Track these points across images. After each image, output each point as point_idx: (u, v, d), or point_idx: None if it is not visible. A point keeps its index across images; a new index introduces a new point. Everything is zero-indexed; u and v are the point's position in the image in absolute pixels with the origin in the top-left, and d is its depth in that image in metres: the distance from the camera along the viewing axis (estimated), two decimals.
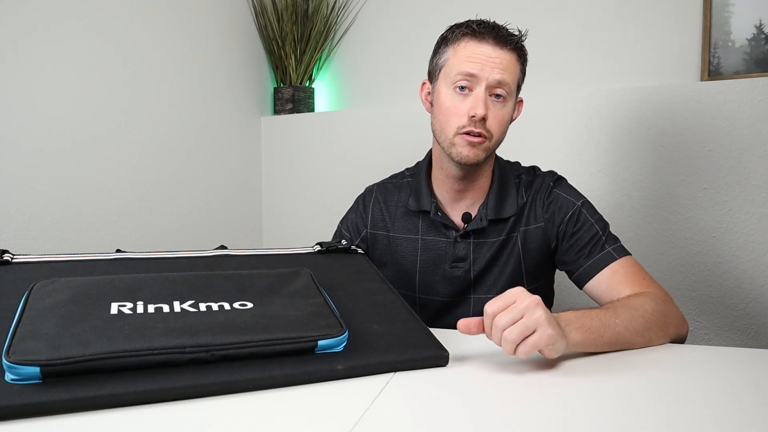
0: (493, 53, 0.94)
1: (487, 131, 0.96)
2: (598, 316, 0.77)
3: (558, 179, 1.07)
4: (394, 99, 1.94)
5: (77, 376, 0.56)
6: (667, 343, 0.83)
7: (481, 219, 1.04)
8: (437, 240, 1.07)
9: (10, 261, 0.77)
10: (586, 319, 0.76)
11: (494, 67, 0.94)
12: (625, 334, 0.78)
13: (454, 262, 1.06)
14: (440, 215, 1.06)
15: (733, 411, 0.58)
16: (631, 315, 0.80)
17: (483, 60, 0.94)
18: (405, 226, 1.10)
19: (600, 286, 0.96)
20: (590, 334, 0.75)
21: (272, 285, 0.75)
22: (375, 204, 1.15)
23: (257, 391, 0.61)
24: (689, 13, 1.55)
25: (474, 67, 0.94)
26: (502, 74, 0.94)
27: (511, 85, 0.97)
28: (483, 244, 1.05)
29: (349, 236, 1.15)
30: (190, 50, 1.68)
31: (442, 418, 0.57)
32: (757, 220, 1.40)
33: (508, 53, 0.96)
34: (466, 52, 0.96)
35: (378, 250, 1.13)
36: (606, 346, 0.77)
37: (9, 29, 1.20)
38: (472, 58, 0.95)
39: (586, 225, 1.01)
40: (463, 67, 0.95)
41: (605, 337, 0.76)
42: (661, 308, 0.85)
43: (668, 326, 0.84)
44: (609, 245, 0.98)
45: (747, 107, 1.39)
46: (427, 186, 1.08)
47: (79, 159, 1.35)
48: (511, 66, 0.96)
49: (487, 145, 0.97)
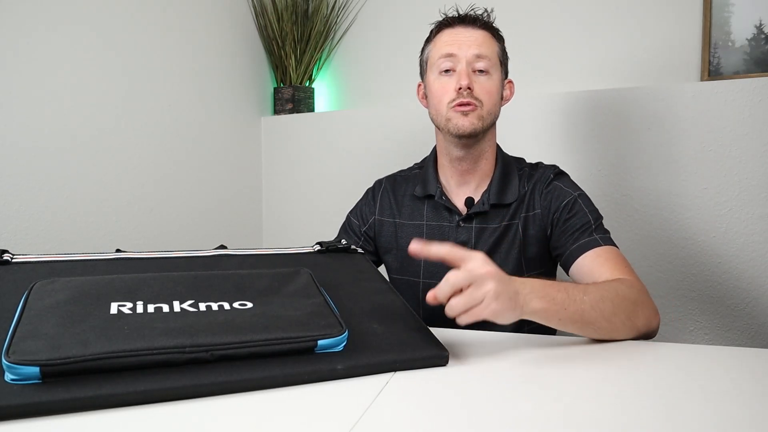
0: (466, 32, 1.05)
1: (476, 99, 1.03)
2: (566, 288, 0.77)
3: (559, 173, 1.11)
4: (394, 99, 1.94)
5: (77, 376, 0.56)
6: (635, 337, 0.82)
7: (483, 203, 1.08)
8: (441, 225, 1.11)
9: (10, 261, 0.77)
10: (551, 289, 0.76)
11: (470, 44, 1.04)
12: (591, 313, 0.77)
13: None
14: (444, 199, 1.10)
15: (733, 410, 0.58)
16: (600, 296, 0.79)
17: (459, 40, 1.04)
18: (411, 213, 1.15)
19: (582, 267, 0.98)
20: (553, 304, 0.75)
21: (272, 285, 0.75)
22: (384, 193, 1.20)
23: (257, 391, 0.61)
24: (689, 13, 1.55)
25: (451, 47, 1.04)
26: (479, 48, 1.04)
27: (491, 58, 1.05)
28: (485, 229, 1.08)
29: (358, 223, 1.20)
30: (190, 50, 1.68)
31: (442, 418, 0.57)
32: (757, 220, 1.40)
33: (479, 30, 1.05)
34: (443, 39, 1.07)
35: (384, 237, 1.18)
36: (568, 321, 0.76)
37: (9, 29, 1.20)
38: (448, 41, 1.05)
39: (579, 213, 1.03)
40: (442, 50, 1.05)
41: (569, 311, 0.75)
42: (634, 297, 0.84)
43: (638, 317, 0.82)
44: (597, 233, 1.00)
45: (747, 107, 1.39)
46: (434, 173, 1.14)
47: (79, 159, 1.35)
48: (486, 42, 1.05)
49: (480, 112, 1.03)
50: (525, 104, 1.62)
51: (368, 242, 1.20)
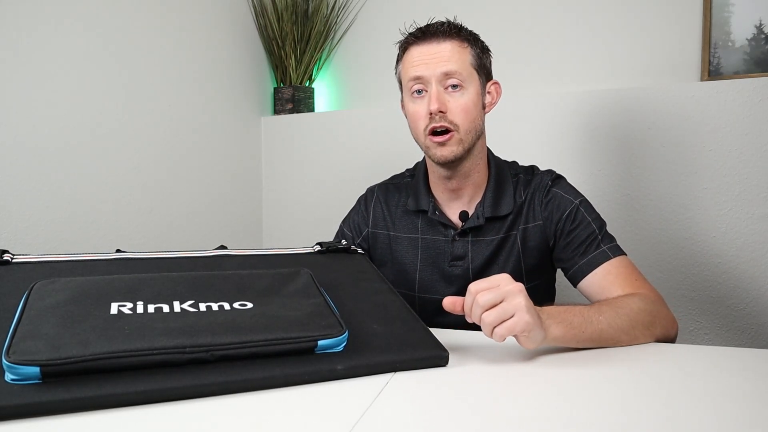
0: (431, 49, 0.99)
1: (451, 123, 0.98)
2: (581, 312, 0.78)
3: (557, 178, 1.08)
4: (395, 99, 1.92)
5: (77, 376, 0.56)
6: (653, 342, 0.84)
7: (477, 217, 1.05)
8: (436, 239, 1.08)
9: (10, 261, 0.77)
10: (568, 314, 0.77)
11: (437, 61, 0.98)
12: (608, 331, 0.79)
13: (453, 261, 1.06)
14: (438, 214, 1.07)
15: (733, 411, 0.58)
16: (615, 313, 0.81)
17: (425, 60, 0.99)
18: (405, 226, 1.12)
19: (593, 285, 0.97)
20: (571, 329, 0.76)
21: (272, 285, 0.75)
22: (376, 204, 1.16)
23: (257, 391, 0.61)
24: (689, 13, 1.55)
25: (418, 69, 0.99)
26: (446, 65, 0.97)
27: (461, 72, 0.98)
28: (481, 242, 1.06)
29: (351, 235, 1.17)
30: (190, 50, 1.68)
31: (442, 418, 0.57)
32: (757, 220, 1.40)
33: (445, 43, 0.99)
34: (410, 58, 1.01)
35: (379, 249, 1.15)
36: (588, 342, 0.78)
37: (9, 29, 1.20)
38: (414, 62, 1.00)
39: (583, 223, 1.01)
40: (410, 73, 1.00)
41: (587, 333, 0.77)
42: (649, 308, 0.86)
43: (655, 326, 0.84)
44: (604, 244, 0.99)
45: (747, 107, 1.39)
46: (425, 186, 1.11)
47: (79, 159, 1.35)
48: (454, 54, 0.98)
49: (457, 137, 0.99)
50: (524, 104, 1.62)
51: None
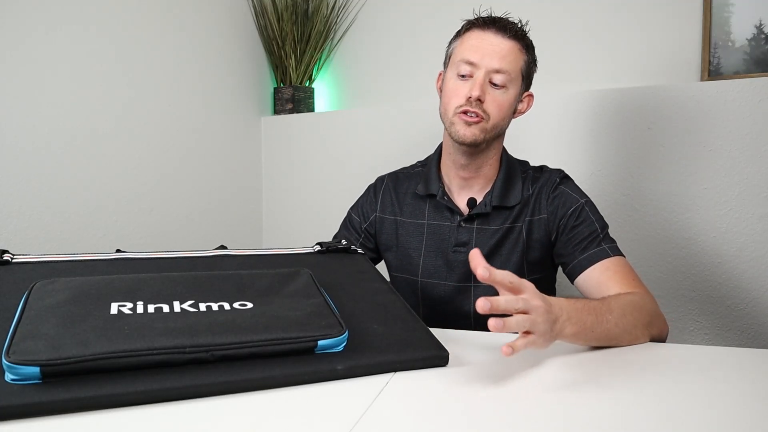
0: (494, 41, 1.01)
1: (483, 112, 1.00)
2: (594, 310, 0.78)
3: (565, 177, 1.11)
4: (394, 99, 1.94)
5: (77, 376, 0.56)
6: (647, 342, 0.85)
7: (485, 204, 1.07)
8: (441, 224, 1.11)
9: (10, 261, 0.77)
10: (582, 313, 0.77)
11: (493, 55, 1.00)
12: (615, 330, 0.80)
13: (456, 246, 1.08)
14: (446, 199, 1.10)
15: (733, 411, 0.58)
16: (622, 311, 0.82)
17: (483, 48, 1.00)
18: (412, 212, 1.14)
19: (591, 279, 0.98)
20: (583, 328, 0.76)
21: (272, 285, 0.75)
22: (385, 191, 1.19)
23: (257, 391, 0.61)
24: (689, 13, 1.55)
25: (474, 55, 1.01)
26: (501, 62, 1.00)
27: (510, 73, 1.01)
28: (486, 230, 1.07)
29: (359, 220, 1.20)
30: (190, 50, 1.68)
31: (442, 418, 0.57)
32: (757, 220, 1.40)
33: (508, 41, 1.01)
34: (470, 41, 1.02)
35: (385, 234, 1.17)
36: (594, 341, 0.79)
37: (9, 30, 1.20)
38: (473, 46, 1.01)
39: (586, 221, 1.03)
40: (465, 55, 1.02)
41: (596, 332, 0.77)
42: (648, 308, 0.88)
43: (653, 326, 0.86)
44: (605, 243, 1.01)
45: (747, 107, 1.39)
46: (437, 172, 1.13)
47: (79, 159, 1.35)
48: (511, 54, 1.01)
49: (484, 125, 1.01)
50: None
51: (369, 239, 1.20)
